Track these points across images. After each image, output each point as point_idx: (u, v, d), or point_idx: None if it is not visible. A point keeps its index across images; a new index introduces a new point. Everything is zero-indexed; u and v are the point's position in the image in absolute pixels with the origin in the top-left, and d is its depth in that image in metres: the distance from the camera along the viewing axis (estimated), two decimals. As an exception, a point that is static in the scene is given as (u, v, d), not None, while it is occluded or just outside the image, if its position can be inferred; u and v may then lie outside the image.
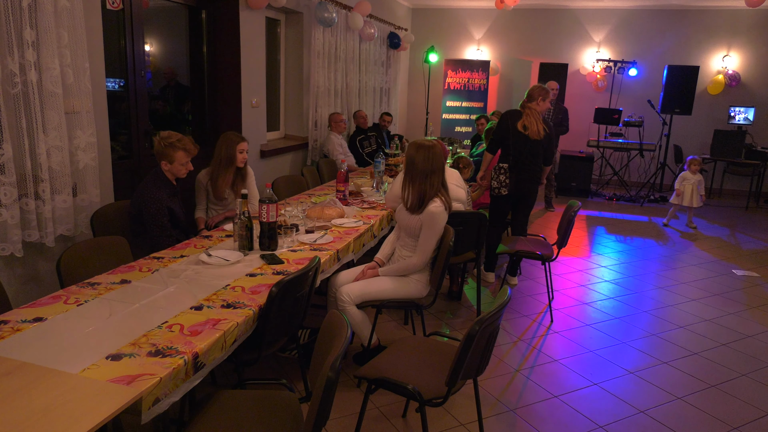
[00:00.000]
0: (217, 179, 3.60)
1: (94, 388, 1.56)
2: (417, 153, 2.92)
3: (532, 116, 4.24)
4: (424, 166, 2.90)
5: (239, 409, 1.95)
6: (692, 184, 6.53)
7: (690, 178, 6.53)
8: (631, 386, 3.12)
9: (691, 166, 6.55)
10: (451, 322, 3.87)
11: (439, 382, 2.12)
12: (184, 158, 3.12)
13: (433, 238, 2.93)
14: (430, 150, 2.92)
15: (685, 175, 6.57)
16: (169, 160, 3.10)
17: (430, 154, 2.91)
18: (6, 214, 2.74)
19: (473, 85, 9.18)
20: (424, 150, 2.92)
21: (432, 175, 2.91)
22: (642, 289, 4.65)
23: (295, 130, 6.36)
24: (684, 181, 6.56)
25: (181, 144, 3.09)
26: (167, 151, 3.07)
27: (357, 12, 6.64)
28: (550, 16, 9.25)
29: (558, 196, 8.21)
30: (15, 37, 2.69)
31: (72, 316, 2.01)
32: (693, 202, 6.55)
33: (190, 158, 3.17)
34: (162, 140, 3.09)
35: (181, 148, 3.09)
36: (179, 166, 3.13)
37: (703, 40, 8.72)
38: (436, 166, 2.92)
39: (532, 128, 4.22)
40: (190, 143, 3.14)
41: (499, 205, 4.45)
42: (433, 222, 2.90)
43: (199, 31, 4.87)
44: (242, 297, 2.25)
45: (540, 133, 4.24)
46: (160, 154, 3.09)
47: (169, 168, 3.13)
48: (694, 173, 6.53)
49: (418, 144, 2.96)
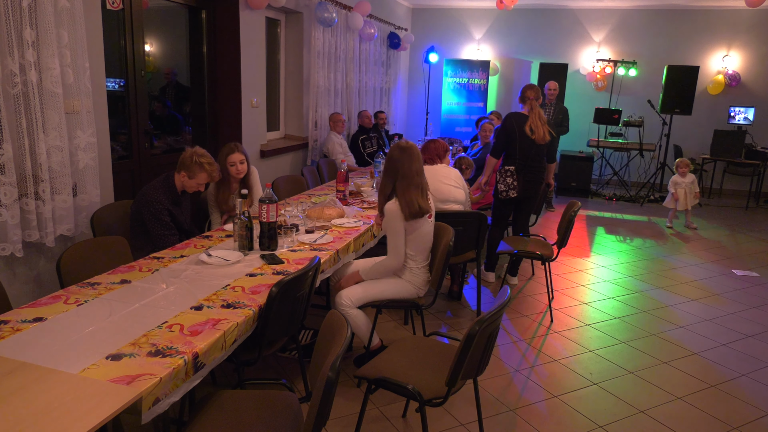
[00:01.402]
0: (219, 192, 3.56)
1: (94, 388, 1.56)
2: (394, 155, 2.88)
3: (538, 119, 4.21)
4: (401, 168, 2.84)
5: (239, 409, 1.95)
6: (684, 187, 6.53)
7: (681, 182, 6.54)
8: (631, 386, 3.12)
9: (679, 169, 6.56)
10: (451, 322, 3.87)
11: (439, 382, 2.12)
12: (204, 180, 3.16)
13: (392, 236, 2.88)
14: (405, 151, 2.86)
15: (676, 179, 6.58)
16: (190, 176, 3.12)
17: (406, 155, 2.85)
18: (6, 214, 2.74)
19: (473, 85, 9.18)
20: (401, 152, 2.86)
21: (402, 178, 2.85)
22: (642, 289, 4.65)
23: (295, 130, 6.36)
24: (676, 185, 6.57)
25: (209, 168, 3.13)
26: (194, 168, 3.10)
27: (357, 12, 6.64)
28: (550, 16, 9.25)
29: (558, 196, 8.21)
30: (15, 37, 2.69)
31: (72, 316, 2.01)
32: (688, 204, 6.55)
33: (208, 182, 3.23)
34: (194, 155, 3.10)
35: (207, 172, 3.13)
36: (195, 184, 3.17)
37: (703, 40, 8.72)
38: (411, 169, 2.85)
39: (539, 132, 4.19)
40: (216, 171, 3.19)
41: (503, 206, 4.44)
42: (387, 221, 2.87)
43: (199, 31, 4.87)
44: (242, 297, 2.25)
45: (546, 137, 4.23)
46: (185, 166, 3.10)
47: (185, 181, 3.14)
48: (683, 175, 6.53)
49: (399, 146, 2.91)
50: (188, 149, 3.15)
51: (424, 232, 2.94)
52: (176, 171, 3.14)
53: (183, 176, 3.12)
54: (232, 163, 3.49)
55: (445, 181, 3.88)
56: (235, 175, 3.52)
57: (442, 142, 4.04)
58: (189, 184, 3.16)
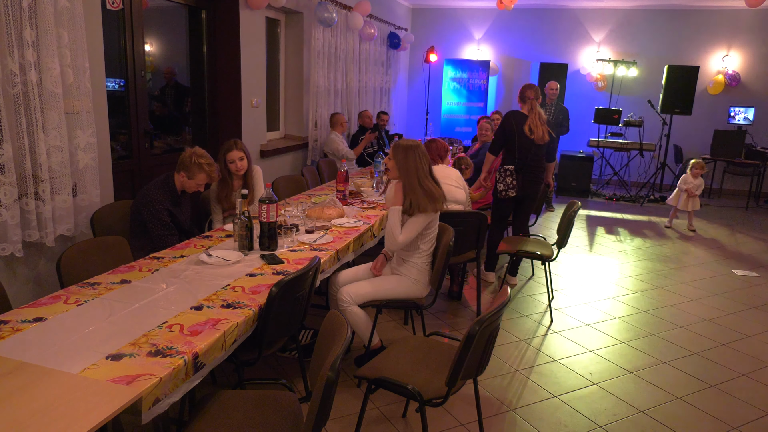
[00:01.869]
0: (221, 190, 3.56)
1: (94, 388, 1.56)
2: (407, 155, 2.89)
3: (537, 119, 4.21)
4: (416, 166, 2.89)
5: (239, 409, 1.95)
6: (691, 187, 6.49)
7: (691, 183, 6.50)
8: (631, 386, 3.12)
9: (693, 170, 6.48)
10: (451, 322, 3.87)
11: (439, 382, 2.12)
12: (203, 180, 3.17)
13: (414, 228, 2.91)
14: (418, 149, 2.92)
15: (687, 178, 6.53)
16: (189, 176, 3.12)
17: (418, 152, 2.90)
18: (6, 214, 2.74)
19: (473, 85, 9.18)
20: (412, 150, 2.90)
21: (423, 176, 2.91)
22: (642, 289, 4.65)
23: (295, 130, 6.36)
24: (685, 184, 6.52)
25: (209, 168, 3.14)
26: (193, 168, 3.10)
27: (357, 12, 6.64)
28: (550, 16, 9.25)
29: (558, 196, 8.21)
30: (15, 37, 2.69)
31: (72, 316, 2.01)
32: (689, 206, 6.52)
33: (207, 183, 3.23)
34: (194, 155, 3.11)
35: (206, 172, 3.13)
36: (194, 185, 3.17)
37: (703, 40, 8.72)
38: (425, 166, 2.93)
39: (538, 132, 4.19)
40: (215, 171, 3.20)
41: (503, 206, 4.44)
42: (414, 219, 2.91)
43: (199, 31, 4.87)
44: (242, 297, 2.25)
45: (545, 137, 4.23)
46: (185, 166, 3.11)
47: (184, 181, 3.15)
48: (695, 177, 6.49)
49: (405, 146, 2.92)
50: (188, 149, 3.15)
51: (435, 226, 3.03)
52: (176, 171, 3.14)
53: (182, 176, 3.13)
54: (231, 161, 3.49)
55: (446, 181, 3.88)
56: (235, 172, 3.53)
57: (442, 142, 4.05)
58: (188, 184, 3.16)
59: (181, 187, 3.19)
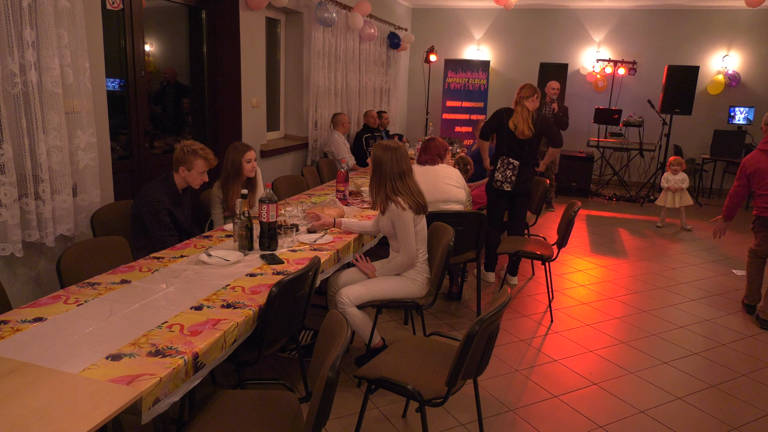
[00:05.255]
0: (228, 191, 3.53)
1: (94, 388, 1.56)
2: (384, 154, 2.93)
3: (520, 115, 4.24)
4: (390, 167, 2.91)
5: (239, 409, 1.95)
6: (673, 184, 6.52)
7: (671, 179, 6.54)
8: (631, 386, 3.12)
9: (672, 167, 6.57)
10: (451, 322, 3.87)
11: (439, 382, 2.12)
12: (203, 167, 3.13)
13: (404, 232, 2.93)
14: (396, 151, 2.94)
15: (667, 177, 6.59)
16: (188, 168, 3.10)
17: (397, 155, 2.93)
18: (6, 214, 2.74)
19: (473, 85, 9.17)
20: (390, 151, 2.93)
21: (398, 177, 2.92)
22: (642, 289, 4.65)
23: (295, 130, 6.36)
24: (667, 183, 6.57)
25: (203, 153, 3.11)
26: (189, 157, 3.08)
27: (357, 12, 6.64)
28: (550, 16, 9.25)
29: (558, 196, 8.21)
30: (15, 37, 2.68)
31: (72, 316, 2.01)
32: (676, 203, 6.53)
33: (208, 169, 3.19)
34: (184, 147, 3.10)
35: (202, 157, 3.11)
36: (196, 175, 3.14)
37: (703, 40, 8.72)
38: (404, 167, 2.94)
39: (520, 128, 4.24)
40: (211, 154, 3.17)
41: (495, 199, 4.45)
42: (400, 219, 2.91)
43: (199, 31, 4.86)
44: (242, 297, 2.25)
45: (525, 132, 4.25)
46: (180, 161, 3.10)
47: (186, 175, 3.12)
48: (675, 173, 6.54)
49: (384, 146, 2.97)
50: (177, 146, 3.15)
51: (422, 226, 3.05)
52: (174, 170, 3.13)
53: (183, 171, 3.11)
54: (248, 160, 3.52)
55: (446, 180, 3.89)
56: (248, 173, 3.54)
57: (442, 142, 4.05)
58: (192, 177, 3.13)
59: (185, 184, 3.17)
